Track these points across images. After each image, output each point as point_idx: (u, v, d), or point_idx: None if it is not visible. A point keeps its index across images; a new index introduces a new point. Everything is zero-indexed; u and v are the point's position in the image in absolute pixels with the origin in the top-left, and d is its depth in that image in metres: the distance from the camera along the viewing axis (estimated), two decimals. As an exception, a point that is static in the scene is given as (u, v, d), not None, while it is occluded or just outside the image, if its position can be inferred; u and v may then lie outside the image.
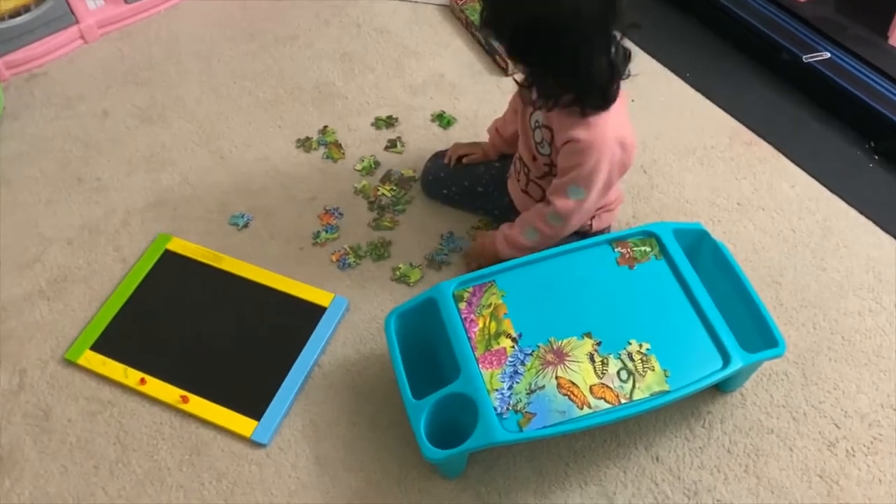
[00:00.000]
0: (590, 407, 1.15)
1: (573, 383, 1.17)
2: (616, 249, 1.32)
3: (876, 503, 1.26)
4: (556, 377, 1.18)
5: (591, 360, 1.19)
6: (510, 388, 1.17)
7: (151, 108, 1.87)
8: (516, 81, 1.34)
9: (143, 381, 1.40)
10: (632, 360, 1.19)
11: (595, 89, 1.20)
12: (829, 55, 1.78)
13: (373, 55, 1.97)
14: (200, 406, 1.37)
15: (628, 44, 1.21)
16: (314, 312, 1.48)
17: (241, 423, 1.35)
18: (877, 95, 1.71)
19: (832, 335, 1.44)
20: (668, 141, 1.76)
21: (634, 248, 1.32)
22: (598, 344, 1.21)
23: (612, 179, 1.31)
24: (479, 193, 1.59)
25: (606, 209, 1.46)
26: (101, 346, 1.45)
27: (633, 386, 1.17)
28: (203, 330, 1.48)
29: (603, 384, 1.17)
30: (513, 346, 1.21)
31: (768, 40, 1.86)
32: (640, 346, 1.21)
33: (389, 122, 1.82)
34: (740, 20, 1.90)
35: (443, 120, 1.81)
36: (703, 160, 1.72)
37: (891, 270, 1.53)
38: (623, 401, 1.16)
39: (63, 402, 1.41)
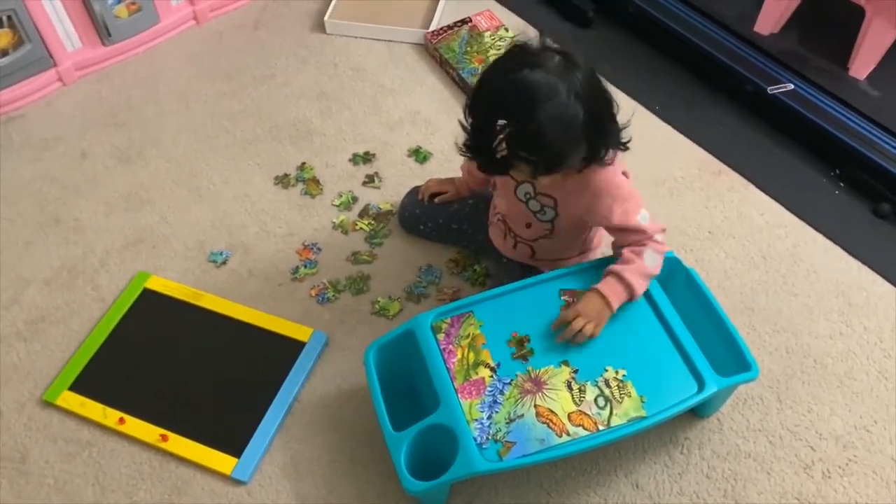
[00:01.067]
0: (568, 434, 1.16)
1: (552, 411, 1.18)
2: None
3: (853, 524, 1.28)
4: (535, 405, 1.19)
5: (569, 387, 1.21)
6: (489, 417, 1.18)
7: (130, 149, 1.88)
8: (513, 177, 1.33)
9: (121, 420, 1.40)
10: (608, 386, 1.21)
11: (608, 146, 1.24)
12: (792, 86, 1.84)
13: (349, 93, 2.00)
14: (180, 444, 1.37)
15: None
16: (293, 348, 1.48)
17: (222, 461, 1.35)
18: (839, 125, 1.76)
19: (805, 359, 1.47)
20: (638, 172, 1.77)
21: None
22: (576, 372, 1.22)
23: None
24: (454, 230, 1.61)
25: (593, 248, 1.50)
26: (79, 387, 1.45)
27: (611, 412, 1.18)
28: (182, 368, 1.48)
29: (581, 411, 1.18)
30: (491, 376, 1.23)
31: (734, 73, 1.91)
32: (617, 372, 1.22)
33: (367, 157, 1.84)
34: (707, 54, 1.96)
35: (419, 155, 1.84)
36: (674, 191, 1.76)
37: (859, 294, 1.56)
38: (601, 427, 1.17)
39: (41, 443, 1.39)
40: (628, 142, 1.27)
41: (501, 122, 1.13)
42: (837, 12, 1.92)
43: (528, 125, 1.12)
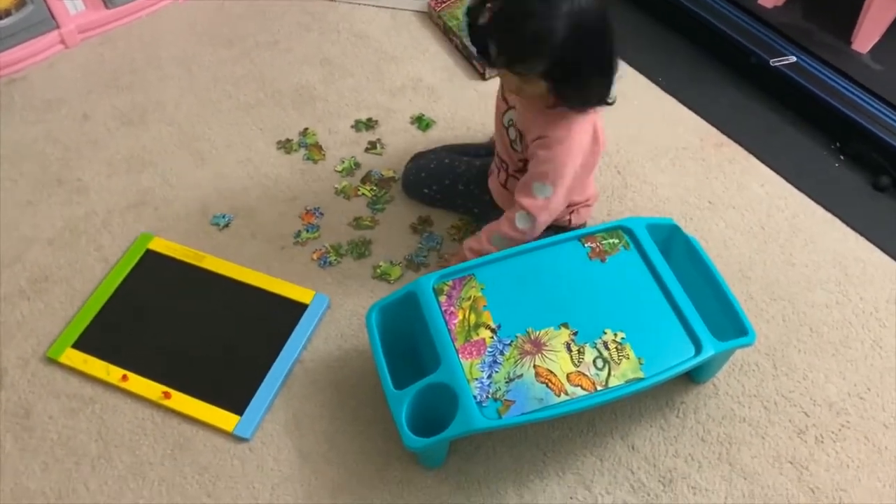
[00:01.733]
0: (567, 394, 1.18)
1: (550, 371, 1.20)
2: (586, 245, 1.35)
3: (844, 487, 1.30)
4: (534, 366, 1.20)
5: (568, 349, 1.22)
6: (489, 377, 1.20)
7: (132, 112, 1.88)
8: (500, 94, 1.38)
9: (124, 377, 1.41)
10: (607, 348, 1.22)
11: (584, 91, 1.25)
12: (795, 59, 1.84)
13: (352, 60, 2.00)
14: (183, 402, 1.39)
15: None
16: (295, 309, 1.50)
17: (224, 418, 1.36)
18: (841, 98, 1.77)
19: (801, 327, 1.48)
20: (641, 143, 1.80)
21: (603, 242, 1.35)
22: (575, 333, 1.24)
23: (581, 176, 1.34)
24: (460, 191, 1.61)
25: (584, 204, 1.50)
26: (82, 344, 1.46)
27: (609, 373, 1.20)
28: (185, 327, 1.50)
29: (579, 372, 1.20)
30: (492, 337, 1.24)
31: (737, 45, 1.91)
32: (616, 335, 1.24)
33: (369, 124, 1.85)
34: (710, 26, 1.96)
35: (422, 122, 1.84)
36: (676, 161, 1.77)
37: (856, 265, 1.58)
38: (599, 388, 1.19)
39: (44, 399, 1.41)
40: (612, 102, 1.28)
41: (490, 3, 1.19)
42: (842, -15, 1.92)
43: (507, 9, 1.17)
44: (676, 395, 1.39)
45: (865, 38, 1.85)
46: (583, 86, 1.24)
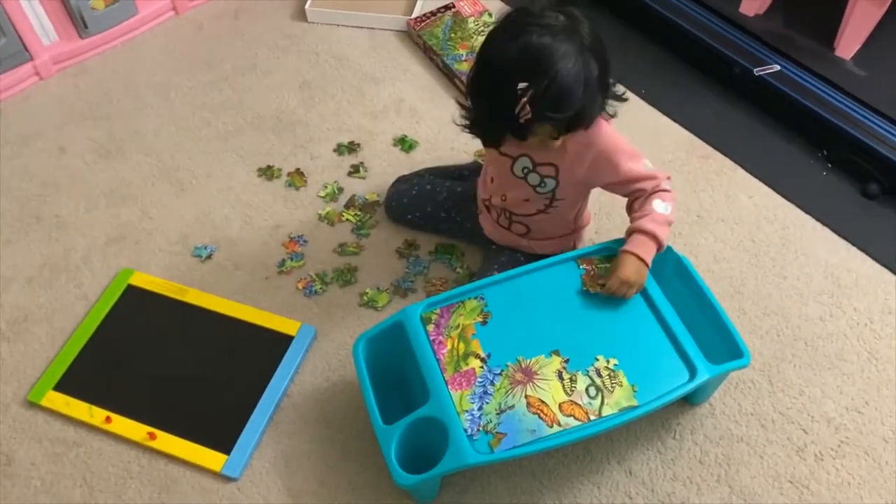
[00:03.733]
0: (559, 425, 1.15)
1: (542, 401, 1.17)
2: (581, 266, 1.33)
3: (846, 506, 1.28)
4: (526, 396, 1.18)
5: (560, 377, 1.20)
6: (480, 408, 1.17)
7: (109, 143, 1.85)
8: (506, 154, 1.35)
9: (108, 419, 1.38)
10: (600, 376, 1.20)
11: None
12: (778, 68, 1.82)
13: (332, 82, 1.97)
14: (168, 442, 1.35)
15: None
16: (281, 342, 1.47)
17: (211, 458, 1.33)
18: (826, 105, 1.75)
19: (795, 341, 1.46)
20: (627, 157, 1.78)
21: (599, 266, 1.33)
22: (566, 361, 1.21)
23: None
24: (443, 218, 1.59)
25: (585, 227, 1.51)
26: (64, 386, 1.43)
27: (602, 402, 1.18)
28: (169, 364, 1.46)
29: (572, 401, 1.18)
30: (482, 367, 1.21)
31: (720, 55, 1.90)
32: (608, 361, 1.21)
33: (351, 147, 1.82)
34: (692, 36, 1.94)
35: (405, 143, 1.82)
36: (663, 174, 1.75)
37: (848, 276, 1.56)
38: (592, 417, 1.16)
39: (26, 444, 1.37)
40: (623, 94, 1.30)
41: (523, 85, 1.13)
42: (823, -9, 1.91)
43: (552, 85, 1.12)
44: (672, 417, 1.37)
45: (848, 44, 1.84)
46: (609, 90, 1.26)
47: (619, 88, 1.29)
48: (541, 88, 1.12)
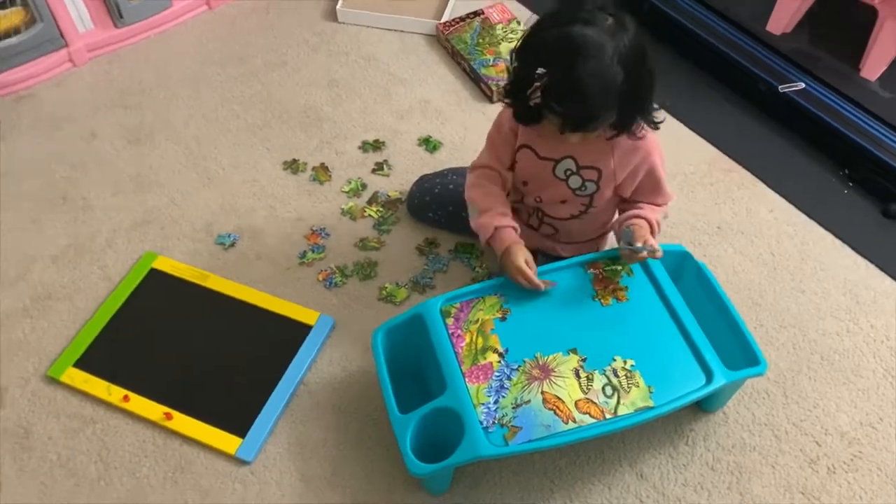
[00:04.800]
0: (575, 421, 1.16)
1: (559, 398, 1.18)
2: (588, 271, 1.34)
3: (857, 520, 1.27)
4: (542, 392, 1.19)
5: (577, 375, 1.21)
6: (496, 402, 1.18)
7: (139, 130, 1.88)
8: (539, 154, 1.36)
9: (126, 398, 1.39)
10: (617, 376, 1.21)
11: (646, 115, 1.27)
12: (803, 86, 1.83)
13: (360, 82, 2.00)
14: (184, 423, 1.37)
15: None
16: (300, 331, 1.48)
17: (226, 441, 1.34)
18: (849, 124, 1.76)
19: (812, 355, 1.47)
20: (649, 167, 1.79)
21: (606, 269, 1.34)
22: (584, 360, 1.22)
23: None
24: (464, 217, 1.59)
25: (607, 234, 1.52)
26: (84, 364, 1.44)
27: (618, 401, 1.18)
28: (188, 347, 1.48)
29: (588, 399, 1.18)
30: (499, 361, 1.22)
31: (745, 71, 1.91)
32: (625, 362, 1.22)
33: (376, 145, 1.84)
34: (719, 52, 1.96)
35: (429, 144, 1.84)
36: (684, 186, 1.76)
37: (867, 293, 1.56)
38: (608, 416, 1.17)
39: (44, 419, 1.39)
40: (661, 122, 1.29)
41: (541, 70, 1.15)
42: (850, 13, 1.91)
43: (567, 78, 1.13)
44: (686, 423, 1.37)
45: (874, 66, 1.85)
46: (642, 116, 1.25)
47: (659, 115, 1.27)
48: (555, 78, 1.15)
